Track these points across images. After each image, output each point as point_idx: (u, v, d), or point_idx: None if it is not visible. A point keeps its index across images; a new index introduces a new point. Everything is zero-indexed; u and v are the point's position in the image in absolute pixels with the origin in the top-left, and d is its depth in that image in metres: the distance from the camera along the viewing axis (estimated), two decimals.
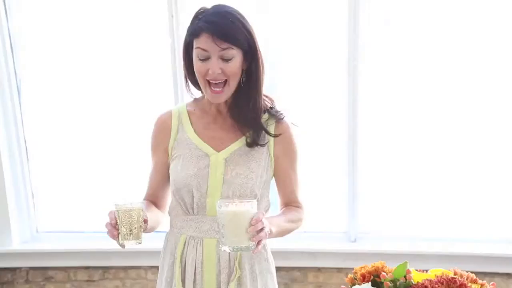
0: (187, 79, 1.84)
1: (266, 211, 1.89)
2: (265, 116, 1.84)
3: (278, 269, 3.26)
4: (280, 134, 1.83)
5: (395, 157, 3.25)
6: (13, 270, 3.45)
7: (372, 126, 3.21)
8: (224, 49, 1.68)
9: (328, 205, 3.36)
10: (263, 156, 1.83)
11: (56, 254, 3.40)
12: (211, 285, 1.81)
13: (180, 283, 1.83)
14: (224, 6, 1.77)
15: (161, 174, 1.90)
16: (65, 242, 3.44)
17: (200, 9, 1.76)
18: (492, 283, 1.13)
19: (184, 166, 1.82)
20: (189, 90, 1.87)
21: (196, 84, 1.83)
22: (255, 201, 1.61)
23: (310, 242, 3.31)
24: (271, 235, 1.69)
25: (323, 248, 3.26)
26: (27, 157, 3.43)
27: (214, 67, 1.69)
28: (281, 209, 1.92)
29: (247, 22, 1.75)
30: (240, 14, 1.75)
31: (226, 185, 1.79)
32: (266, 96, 1.87)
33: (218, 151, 1.82)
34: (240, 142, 1.82)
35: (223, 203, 1.55)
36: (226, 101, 1.81)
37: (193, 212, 1.83)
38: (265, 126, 1.82)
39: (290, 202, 1.92)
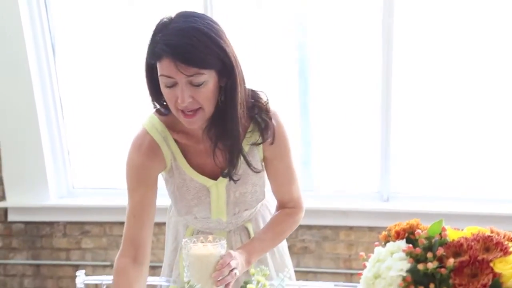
0: (154, 102, 1.58)
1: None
2: (250, 128, 1.60)
3: (309, 227, 3.31)
4: (272, 142, 1.62)
5: (429, 116, 3.21)
6: (51, 224, 3.54)
7: (406, 84, 3.17)
8: (191, 75, 1.41)
9: (360, 164, 3.35)
10: (258, 160, 1.66)
11: (92, 209, 3.47)
12: None
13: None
14: (188, 17, 1.45)
15: (145, 213, 1.60)
16: (100, 198, 3.50)
17: (160, 22, 1.47)
18: None
19: (182, 195, 1.66)
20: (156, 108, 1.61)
21: (165, 106, 1.56)
22: (223, 242, 1.45)
23: (342, 201, 3.32)
24: (248, 265, 1.57)
25: (355, 207, 3.27)
26: (63, 115, 3.48)
27: (183, 95, 1.42)
28: (276, 211, 1.77)
29: (217, 35, 1.44)
30: (208, 26, 1.44)
31: (230, 207, 1.68)
32: (255, 96, 1.62)
33: (215, 179, 1.64)
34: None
35: (188, 245, 1.41)
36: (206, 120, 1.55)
37: (197, 219, 1.74)
38: (245, 153, 1.59)
39: (286, 203, 1.75)
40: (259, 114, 1.59)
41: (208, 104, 1.48)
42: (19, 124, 3.37)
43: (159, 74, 1.45)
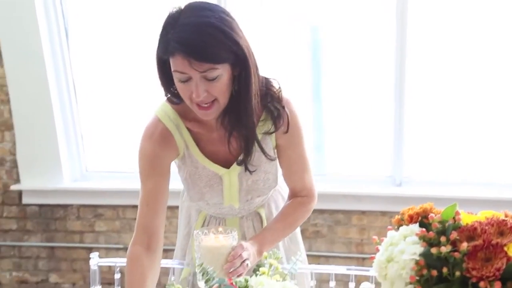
0: (166, 92, 1.57)
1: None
2: (263, 116, 1.60)
3: (321, 211, 3.31)
4: (286, 130, 1.61)
5: (443, 100, 3.19)
6: (65, 207, 3.58)
7: (420, 68, 3.15)
8: (205, 71, 1.41)
9: (373, 148, 3.34)
10: (271, 147, 1.65)
11: (105, 192, 3.50)
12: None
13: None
14: (199, 10, 1.43)
15: (159, 202, 1.61)
16: (113, 181, 3.53)
17: (169, 15, 1.45)
18: None
19: (194, 183, 1.66)
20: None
21: (177, 96, 1.55)
22: (235, 233, 1.46)
23: (354, 185, 3.31)
24: (260, 256, 1.55)
25: (368, 191, 3.27)
26: (76, 99, 3.49)
27: (198, 91, 1.42)
28: (288, 200, 1.76)
29: (230, 28, 1.43)
30: (221, 19, 1.42)
31: (242, 194, 1.68)
32: (268, 83, 1.60)
33: (228, 167, 1.64)
34: None
35: (199, 237, 1.42)
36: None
37: (209, 205, 1.74)
38: (258, 139, 1.58)
39: (298, 191, 1.73)
40: (271, 103, 1.58)
41: (223, 96, 1.48)
42: (33, 107, 3.39)
43: (172, 69, 1.44)
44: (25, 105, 3.39)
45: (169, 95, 1.58)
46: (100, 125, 3.58)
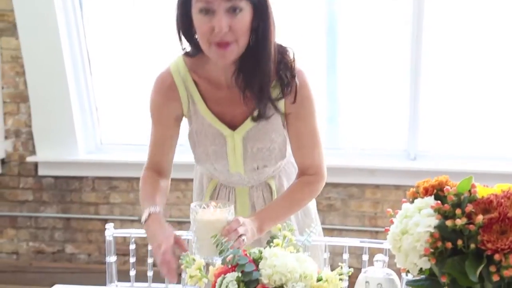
0: (181, 36, 1.55)
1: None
2: (273, 83, 1.57)
3: (335, 185, 3.31)
4: (294, 100, 1.59)
5: (458, 73, 3.16)
6: (80, 178, 3.61)
7: (436, 41, 3.11)
8: (230, 0, 1.41)
9: (388, 122, 3.32)
10: (279, 118, 1.63)
11: (119, 165, 3.52)
12: None
13: None
14: None
15: (167, 146, 1.67)
16: (128, 154, 3.54)
17: None
18: None
19: (200, 141, 1.66)
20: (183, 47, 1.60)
21: (192, 43, 1.55)
22: (231, 207, 1.42)
23: (368, 159, 3.31)
24: (260, 233, 1.54)
25: (382, 165, 3.26)
26: (90, 71, 3.50)
27: (221, 22, 1.41)
28: (296, 179, 1.71)
29: None
30: None
31: (247, 161, 1.66)
32: (283, 52, 1.59)
33: (233, 129, 1.62)
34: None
35: (194, 210, 1.39)
36: (233, 64, 1.54)
37: (217, 170, 1.73)
38: (273, 99, 1.57)
39: (306, 168, 1.67)
40: (283, 71, 1.57)
41: (243, 38, 1.46)
42: (47, 79, 3.40)
43: (194, 1, 1.44)
44: (40, 77, 3.40)
45: (184, 47, 1.59)
46: (114, 97, 3.59)
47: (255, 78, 1.52)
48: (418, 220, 1.07)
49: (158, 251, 1.39)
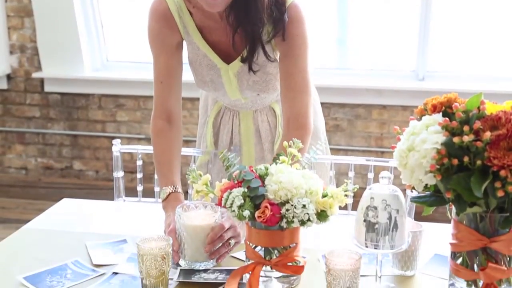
0: None
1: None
2: (266, 19, 1.47)
3: (342, 105, 3.30)
4: (283, 38, 1.49)
5: None
6: (86, 96, 3.60)
7: None
8: None
9: (397, 42, 3.27)
10: (272, 51, 1.54)
11: (126, 82, 3.50)
12: (249, 155, 1.74)
13: (213, 145, 1.78)
14: None
15: (172, 81, 1.60)
16: (134, 71, 3.52)
17: None
18: None
19: (196, 69, 1.62)
20: None
21: None
22: (222, 210, 1.30)
23: (376, 79, 3.28)
24: None
25: (389, 85, 3.23)
26: None
27: None
28: (283, 132, 1.58)
29: None
30: None
31: (245, 92, 1.62)
32: None
33: (228, 63, 1.58)
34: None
35: (181, 213, 1.31)
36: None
37: (219, 96, 1.70)
38: (264, 41, 1.49)
39: (293, 118, 1.54)
40: (275, 5, 1.47)
41: None
42: None
43: None
44: None
45: None
46: (120, 14, 3.52)
47: (247, 15, 1.44)
48: (425, 137, 1.06)
49: (167, 230, 1.37)
